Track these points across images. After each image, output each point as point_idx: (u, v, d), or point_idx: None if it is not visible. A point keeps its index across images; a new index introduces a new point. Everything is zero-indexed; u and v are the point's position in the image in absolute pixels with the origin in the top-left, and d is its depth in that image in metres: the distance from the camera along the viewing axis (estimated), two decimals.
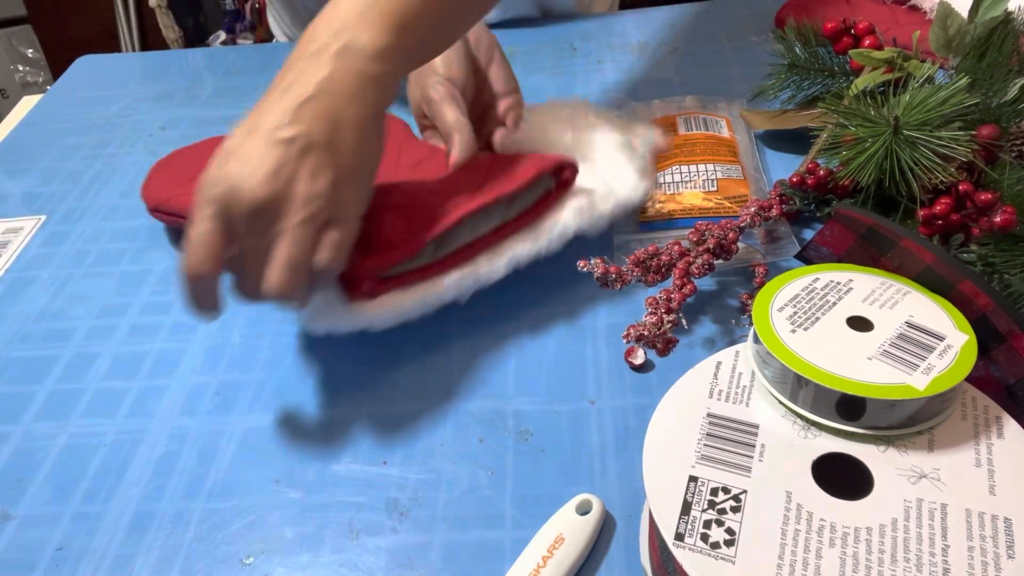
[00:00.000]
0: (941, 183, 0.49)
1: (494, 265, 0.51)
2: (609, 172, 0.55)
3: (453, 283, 0.50)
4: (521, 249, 0.52)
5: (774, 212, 0.54)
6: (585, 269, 0.49)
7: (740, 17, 0.86)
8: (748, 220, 0.52)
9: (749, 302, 0.52)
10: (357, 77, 0.37)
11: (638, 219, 0.59)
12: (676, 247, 0.51)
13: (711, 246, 0.51)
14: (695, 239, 0.52)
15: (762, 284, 0.51)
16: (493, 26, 0.70)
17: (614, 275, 0.49)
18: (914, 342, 0.36)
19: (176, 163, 0.66)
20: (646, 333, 0.39)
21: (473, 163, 0.53)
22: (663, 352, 0.45)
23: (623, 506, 0.42)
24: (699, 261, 0.50)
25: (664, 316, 0.45)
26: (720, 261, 0.52)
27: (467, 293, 0.51)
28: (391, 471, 0.45)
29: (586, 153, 0.57)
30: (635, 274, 0.49)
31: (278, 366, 0.52)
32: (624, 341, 0.40)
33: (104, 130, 0.80)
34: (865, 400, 0.34)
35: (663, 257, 0.51)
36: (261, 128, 0.37)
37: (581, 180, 0.54)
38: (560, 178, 0.53)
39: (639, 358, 0.49)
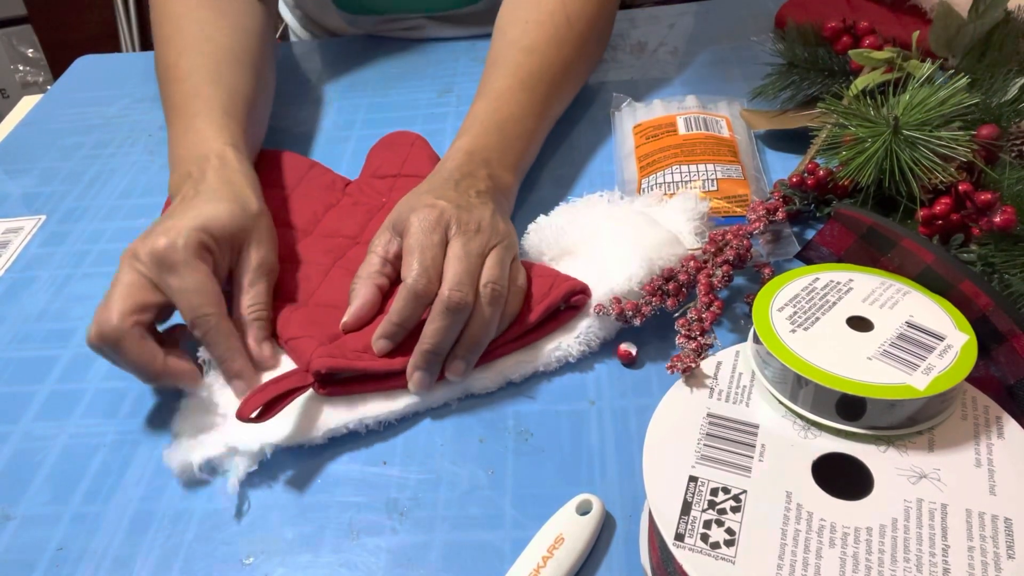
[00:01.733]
0: (941, 183, 0.49)
1: (483, 382, 0.48)
2: (612, 260, 0.51)
3: (442, 394, 0.48)
4: (515, 371, 0.49)
5: (780, 215, 0.54)
6: (601, 313, 0.49)
7: (740, 17, 0.86)
8: (760, 226, 0.52)
9: None
10: (503, 196, 0.55)
11: None
12: (692, 262, 0.50)
13: (730, 257, 0.51)
14: (712, 250, 0.51)
15: None
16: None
17: (631, 311, 0.48)
18: (914, 342, 0.36)
19: None
20: (693, 365, 0.39)
21: None
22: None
23: (623, 506, 0.42)
24: (719, 273, 0.50)
25: (702, 341, 0.45)
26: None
27: (455, 398, 0.49)
28: (391, 471, 0.45)
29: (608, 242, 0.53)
30: (654, 304, 0.49)
31: None
32: (669, 372, 0.41)
33: (104, 130, 0.80)
34: (865, 400, 0.34)
35: (681, 277, 0.50)
36: (462, 193, 0.52)
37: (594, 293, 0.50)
38: (571, 302, 0.50)
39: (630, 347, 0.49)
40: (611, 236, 0.53)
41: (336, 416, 0.46)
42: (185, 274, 0.46)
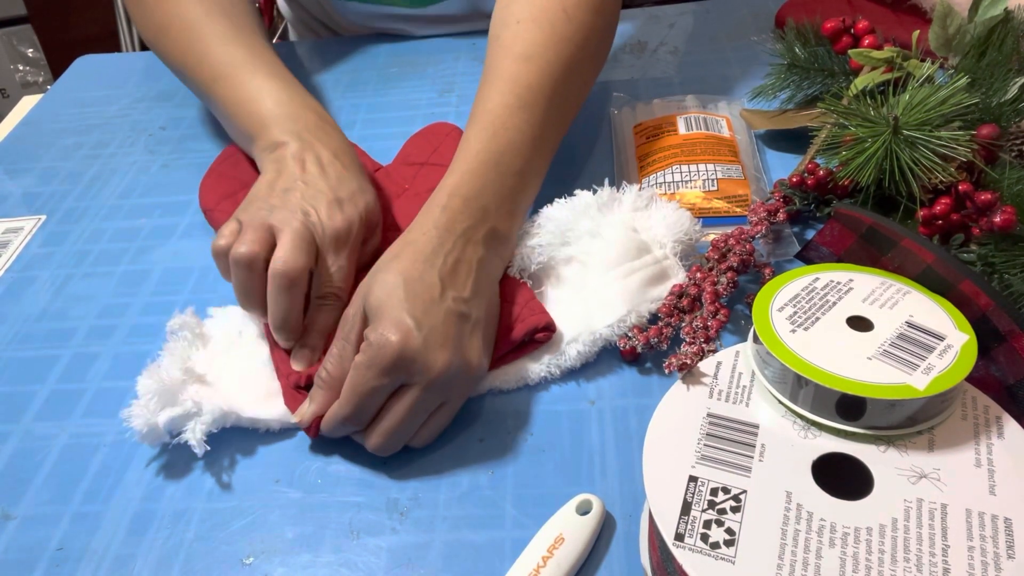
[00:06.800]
0: (941, 183, 0.49)
1: None
2: (595, 300, 0.50)
3: None
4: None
5: (781, 216, 0.54)
6: (627, 345, 0.48)
7: (740, 17, 0.86)
8: (762, 229, 0.52)
9: None
10: (500, 260, 0.50)
11: None
12: (698, 273, 0.51)
13: (734, 263, 0.51)
14: (716, 256, 0.51)
15: None
16: None
17: (655, 338, 0.48)
18: (914, 342, 0.36)
19: (234, 160, 0.66)
20: (688, 362, 0.39)
21: None
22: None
23: (623, 506, 0.42)
24: (724, 280, 0.50)
25: (704, 347, 0.46)
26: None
27: None
28: (391, 471, 0.45)
29: (588, 267, 0.52)
30: (672, 323, 0.49)
31: None
32: (667, 371, 0.41)
33: (104, 130, 0.80)
34: (865, 400, 0.34)
35: (691, 290, 0.50)
36: (445, 296, 0.45)
37: (564, 321, 0.50)
38: (535, 338, 0.49)
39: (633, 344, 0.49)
40: (598, 265, 0.52)
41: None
42: (342, 257, 0.50)
